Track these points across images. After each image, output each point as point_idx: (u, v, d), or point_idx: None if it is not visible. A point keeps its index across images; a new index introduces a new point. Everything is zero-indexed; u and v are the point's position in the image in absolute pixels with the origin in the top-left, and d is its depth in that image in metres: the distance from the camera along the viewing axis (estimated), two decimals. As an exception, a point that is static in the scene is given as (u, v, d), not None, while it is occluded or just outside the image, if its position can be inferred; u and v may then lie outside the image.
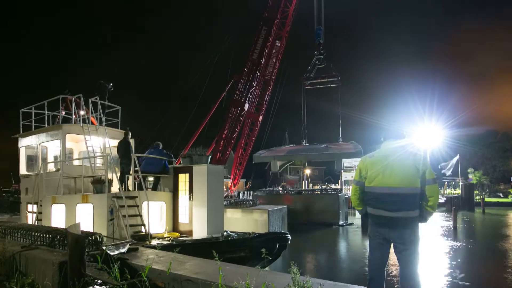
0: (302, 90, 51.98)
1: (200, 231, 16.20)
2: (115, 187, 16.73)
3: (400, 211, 6.45)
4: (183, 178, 17.46)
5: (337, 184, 70.60)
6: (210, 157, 17.93)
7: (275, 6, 46.45)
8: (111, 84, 20.04)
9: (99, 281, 8.24)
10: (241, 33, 54.69)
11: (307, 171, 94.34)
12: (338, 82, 48.68)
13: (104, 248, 10.28)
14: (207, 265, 9.03)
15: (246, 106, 46.73)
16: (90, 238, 10.80)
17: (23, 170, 20.92)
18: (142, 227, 15.37)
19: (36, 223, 17.85)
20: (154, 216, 16.76)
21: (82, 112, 19.18)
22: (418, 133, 70.50)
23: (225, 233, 15.88)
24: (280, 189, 57.53)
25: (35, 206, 18.80)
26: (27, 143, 20.47)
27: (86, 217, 15.62)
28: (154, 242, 14.62)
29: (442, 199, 61.59)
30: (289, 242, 16.59)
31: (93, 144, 18.03)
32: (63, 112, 19.89)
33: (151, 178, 18.31)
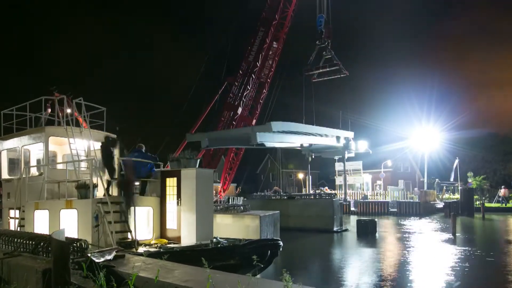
0: (303, 80, 51.17)
1: (188, 238, 16.26)
2: (101, 192, 16.75)
3: None
4: (171, 182, 17.50)
5: (326, 188, 70.36)
6: (199, 160, 17.95)
7: (274, 6, 46.32)
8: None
9: (84, 289, 8.29)
10: (236, 33, 54.60)
11: (300, 175, 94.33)
12: (342, 70, 47.94)
13: (89, 255, 10.31)
14: (196, 273, 9.07)
15: (240, 110, 46.68)
16: (74, 244, 10.85)
17: (4, 174, 20.90)
18: (129, 233, 15.40)
19: (18, 229, 17.85)
20: (141, 222, 16.79)
21: (69, 110, 19.20)
22: (416, 136, 70.77)
23: (214, 239, 15.92)
24: (272, 194, 57.45)
25: (17, 211, 18.78)
26: (8, 146, 20.44)
27: (70, 223, 15.64)
28: (141, 249, 14.67)
29: (440, 205, 61.73)
30: (281, 249, 16.66)
31: (77, 147, 18.04)
32: (49, 110, 19.90)
33: (137, 183, 18.33)
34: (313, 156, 55.66)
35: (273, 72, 48.16)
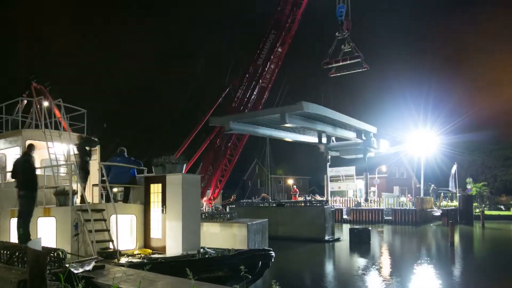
0: (325, 76, 50.64)
1: (174, 248, 16.20)
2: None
3: None
4: (156, 188, 17.37)
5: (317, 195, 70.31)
6: (185, 165, 17.82)
7: (285, 9, 46.27)
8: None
9: (62, 302, 8.23)
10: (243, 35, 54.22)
11: (290, 181, 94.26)
12: (363, 64, 47.13)
13: (67, 265, 10.26)
14: (181, 285, 9.05)
15: None
16: (52, 254, 10.78)
17: (-22, 180, 20.73)
18: (110, 243, 15.31)
19: (-7, 238, 17.74)
20: (123, 231, 16.71)
21: (46, 103, 19.08)
22: (411, 140, 70.71)
23: (202, 250, 15.84)
24: (260, 201, 57.28)
25: (-8, 220, 18.66)
26: (-18, 150, 20.29)
27: (48, 232, 15.55)
28: (123, 259, 14.59)
29: (438, 212, 61.80)
30: (272, 260, 16.61)
31: (56, 151, 17.92)
32: (25, 102, 19.71)
33: (121, 189, 18.20)
34: (328, 156, 55.24)
35: (275, 78, 47.92)
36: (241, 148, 48.88)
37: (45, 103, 19.09)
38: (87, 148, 17.52)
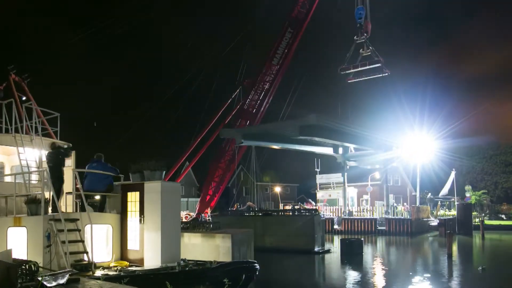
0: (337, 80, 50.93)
1: (152, 260, 16.25)
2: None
3: None
4: (133, 197, 17.40)
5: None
6: (164, 172, 17.84)
7: (305, 6, 46.53)
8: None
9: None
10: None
11: (277, 189, 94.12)
12: (383, 69, 47.03)
13: (39, 278, 10.32)
14: (161, 299, 9.12)
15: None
16: (23, 267, 10.84)
17: None
18: (85, 254, 15.36)
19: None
20: (99, 242, 16.72)
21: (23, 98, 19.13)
22: (407, 145, 70.82)
23: (182, 262, 15.91)
24: (245, 209, 57.23)
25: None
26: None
27: (19, 243, 15.57)
28: (99, 272, 14.64)
29: (435, 222, 61.89)
30: (257, 273, 16.70)
31: (27, 157, 17.93)
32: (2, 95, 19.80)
33: (97, 197, 18.22)
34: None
35: (279, 81, 47.93)
36: (240, 157, 48.96)
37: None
38: (61, 156, 17.59)
